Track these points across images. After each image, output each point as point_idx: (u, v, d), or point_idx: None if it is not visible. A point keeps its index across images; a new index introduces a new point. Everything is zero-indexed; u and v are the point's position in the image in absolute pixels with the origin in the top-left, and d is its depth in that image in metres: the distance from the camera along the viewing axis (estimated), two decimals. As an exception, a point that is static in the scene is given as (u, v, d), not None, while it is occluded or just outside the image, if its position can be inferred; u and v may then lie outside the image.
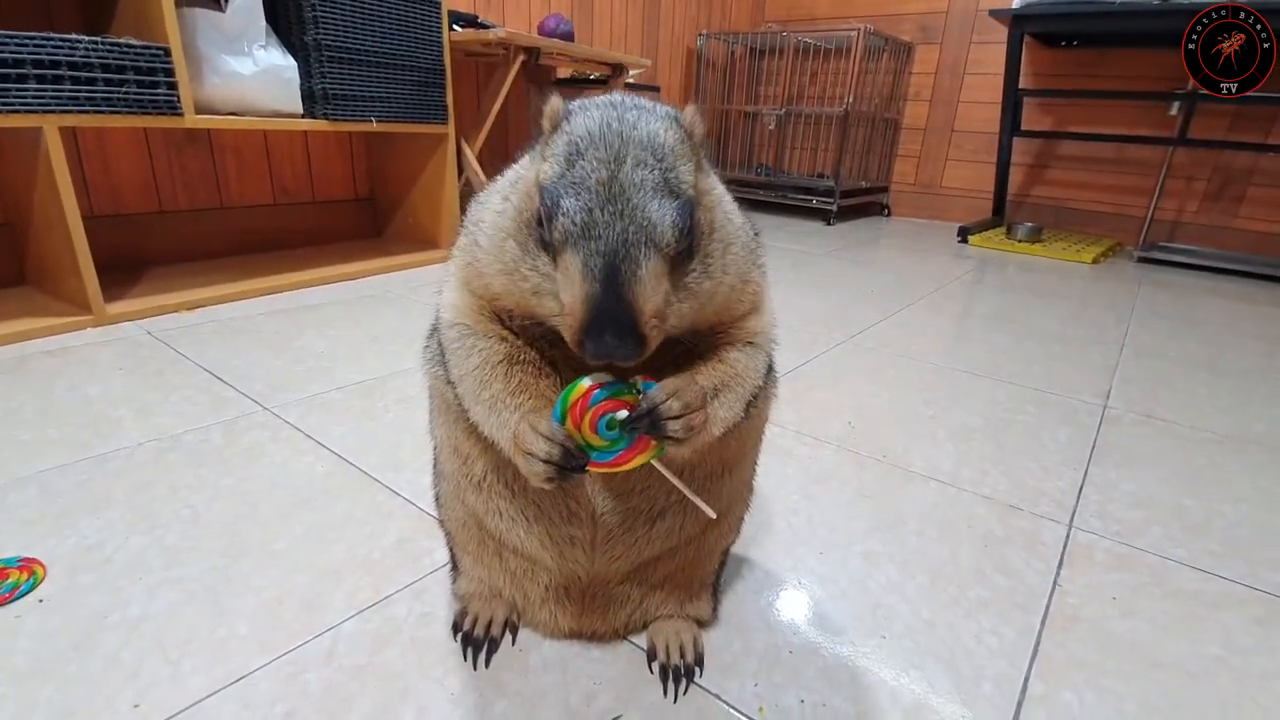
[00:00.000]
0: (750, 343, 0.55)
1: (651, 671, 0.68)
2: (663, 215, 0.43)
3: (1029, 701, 0.67)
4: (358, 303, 1.82)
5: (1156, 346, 1.86)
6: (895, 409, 1.33)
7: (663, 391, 0.47)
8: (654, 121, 0.45)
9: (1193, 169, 3.17)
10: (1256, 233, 3.10)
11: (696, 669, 0.68)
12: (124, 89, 1.51)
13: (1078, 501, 1.04)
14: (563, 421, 0.48)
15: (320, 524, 0.88)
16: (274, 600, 0.75)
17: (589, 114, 0.46)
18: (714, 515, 0.54)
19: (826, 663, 0.70)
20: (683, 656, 0.68)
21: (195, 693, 0.63)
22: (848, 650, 0.72)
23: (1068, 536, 0.95)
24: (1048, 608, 0.80)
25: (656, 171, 0.43)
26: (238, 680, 0.65)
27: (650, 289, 0.42)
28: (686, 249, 0.45)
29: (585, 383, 0.48)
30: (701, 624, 0.73)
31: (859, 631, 0.75)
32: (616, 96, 0.49)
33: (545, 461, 0.48)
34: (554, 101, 0.48)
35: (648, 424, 0.47)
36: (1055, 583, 0.85)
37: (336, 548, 0.83)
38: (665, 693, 0.65)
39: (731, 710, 0.64)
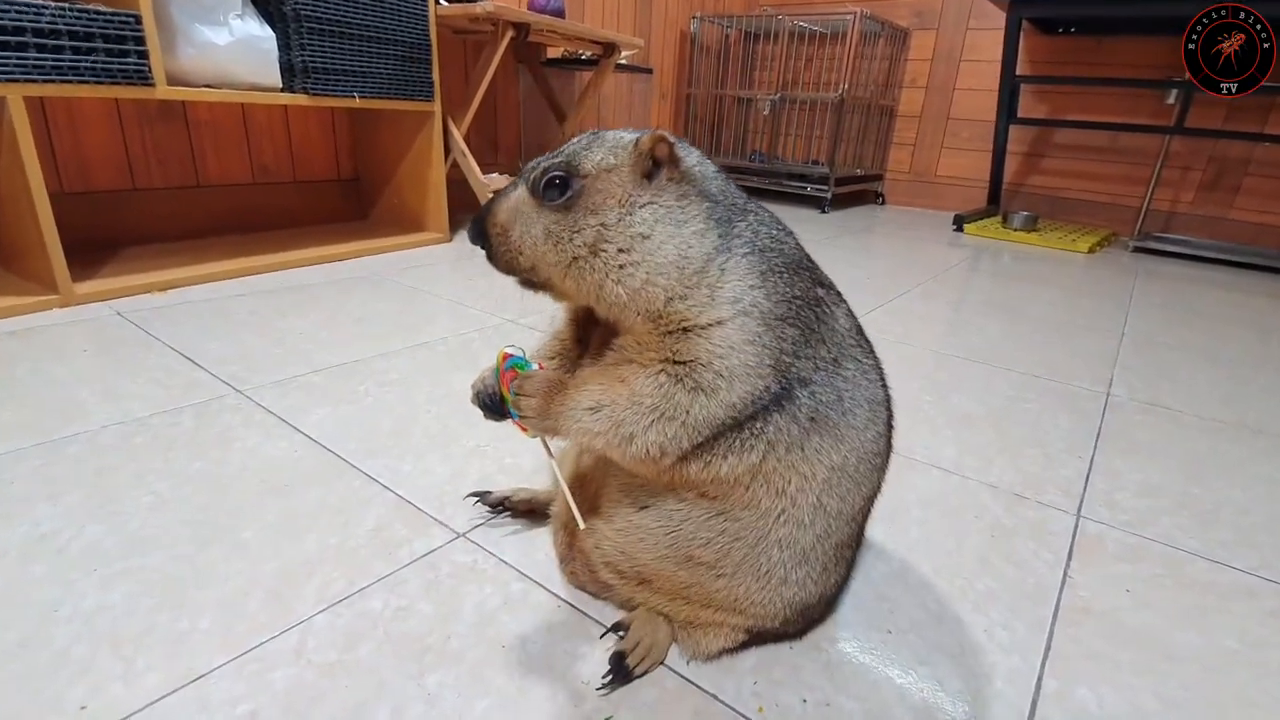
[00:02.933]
0: (664, 370, 0.54)
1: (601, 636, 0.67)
2: (544, 166, 0.55)
3: (1044, 699, 0.64)
4: (341, 285, 1.76)
5: (1156, 335, 1.83)
6: (893, 396, 1.29)
7: (523, 373, 0.59)
8: (625, 132, 0.58)
9: (1189, 159, 3.15)
10: (1252, 224, 3.09)
11: (632, 674, 0.62)
12: (92, 58, 1.44)
13: (1085, 490, 1.01)
14: (498, 377, 0.60)
15: (292, 512, 0.83)
16: (239, 592, 0.70)
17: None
18: (582, 524, 0.60)
19: (830, 659, 0.66)
20: (631, 652, 0.62)
21: (150, 692, 0.58)
22: (852, 646, 0.68)
23: (1076, 526, 0.91)
24: (1059, 600, 0.77)
25: (577, 148, 0.56)
26: (197, 678, 0.60)
27: (505, 203, 0.57)
28: (555, 201, 0.54)
29: (504, 352, 0.60)
30: (693, 649, 0.65)
31: (863, 625, 0.71)
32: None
33: (476, 395, 0.62)
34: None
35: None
36: (1065, 574, 0.81)
37: (308, 537, 0.79)
38: (606, 673, 0.61)
39: (729, 710, 0.60)
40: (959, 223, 3.27)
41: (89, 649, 0.62)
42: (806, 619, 0.67)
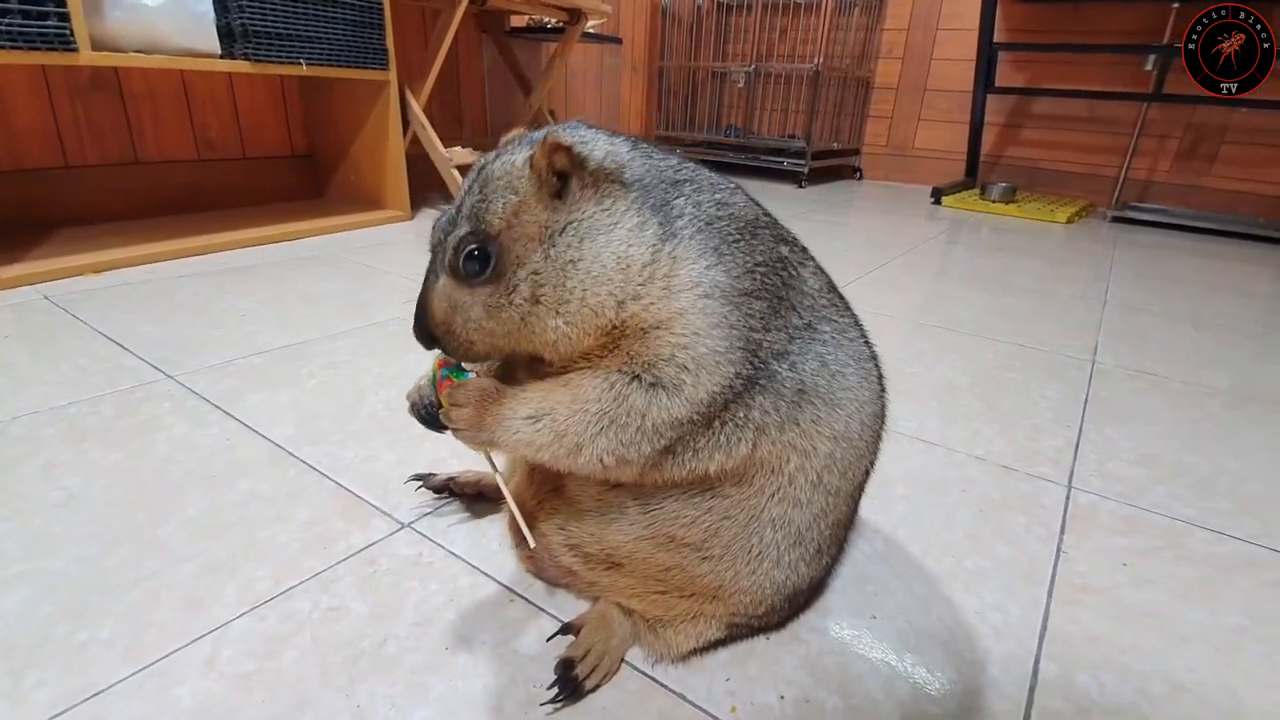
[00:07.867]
0: (636, 374, 0.48)
1: (548, 640, 0.59)
2: (451, 241, 0.49)
3: (1042, 687, 0.58)
4: (292, 264, 1.66)
5: (1139, 302, 1.80)
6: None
7: (457, 381, 0.53)
8: (515, 153, 0.49)
9: (1166, 127, 3.12)
10: (1228, 191, 3.07)
11: (581, 688, 0.54)
12: (7, 20, 1.32)
13: (1075, 460, 0.96)
14: (434, 386, 0.55)
15: (216, 505, 0.75)
16: (149, 596, 0.62)
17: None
18: (532, 542, 0.56)
19: (809, 650, 0.60)
20: (581, 661, 0.55)
21: (37, 712, 0.51)
22: (834, 634, 0.62)
23: (1068, 498, 0.86)
24: (1054, 578, 0.72)
25: (475, 200, 0.49)
26: (93, 696, 0.52)
27: (435, 299, 0.51)
28: (482, 276, 0.48)
29: (439, 359, 0.55)
30: (661, 650, 0.58)
31: (846, 611, 0.65)
32: (539, 133, 0.51)
33: (413, 406, 0.58)
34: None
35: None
36: (1059, 549, 0.76)
37: (233, 531, 0.71)
38: (552, 685, 0.53)
39: (699, 711, 0.54)
40: (937, 195, 3.23)
41: (-31, 666, 0.54)
42: (793, 607, 0.61)
